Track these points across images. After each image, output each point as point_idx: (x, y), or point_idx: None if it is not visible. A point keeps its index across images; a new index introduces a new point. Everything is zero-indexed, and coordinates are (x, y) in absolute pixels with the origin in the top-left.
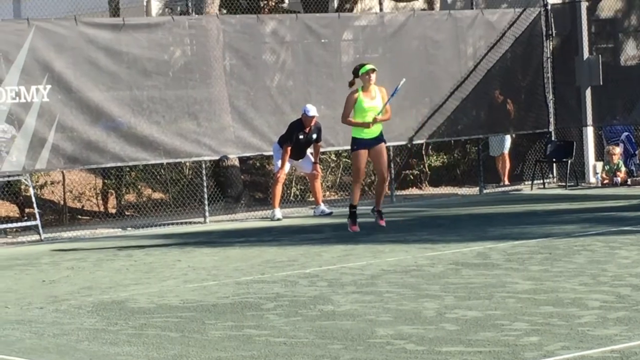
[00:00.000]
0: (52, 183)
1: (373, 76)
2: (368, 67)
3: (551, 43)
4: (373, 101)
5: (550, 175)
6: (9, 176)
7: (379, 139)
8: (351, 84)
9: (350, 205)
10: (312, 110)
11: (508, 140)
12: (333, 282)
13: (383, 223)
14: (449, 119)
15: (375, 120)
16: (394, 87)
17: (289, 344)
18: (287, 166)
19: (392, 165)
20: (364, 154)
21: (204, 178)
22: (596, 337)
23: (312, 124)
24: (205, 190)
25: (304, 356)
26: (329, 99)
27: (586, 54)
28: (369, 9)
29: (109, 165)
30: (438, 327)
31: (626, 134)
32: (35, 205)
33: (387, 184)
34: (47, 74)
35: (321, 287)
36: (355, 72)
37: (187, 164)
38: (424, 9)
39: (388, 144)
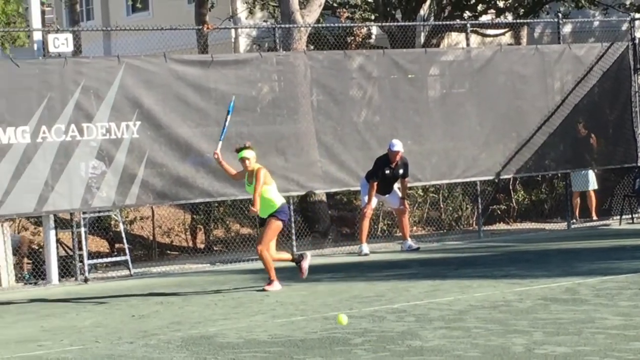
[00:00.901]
0: (141, 218)
1: (247, 163)
2: (242, 154)
3: (639, 77)
4: (250, 187)
5: (639, 210)
6: (99, 212)
7: (271, 214)
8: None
9: None
10: (398, 145)
11: (592, 176)
12: (421, 317)
13: (267, 288)
14: (536, 153)
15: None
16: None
17: None
18: (374, 201)
19: (480, 200)
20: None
21: (292, 213)
22: None
23: (398, 158)
24: (292, 225)
25: None
26: (415, 134)
27: None
28: (456, 44)
29: (197, 200)
30: None
31: None
32: (125, 240)
33: (261, 253)
34: (136, 110)
35: (409, 323)
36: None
37: None
38: (510, 44)
39: (475, 178)
